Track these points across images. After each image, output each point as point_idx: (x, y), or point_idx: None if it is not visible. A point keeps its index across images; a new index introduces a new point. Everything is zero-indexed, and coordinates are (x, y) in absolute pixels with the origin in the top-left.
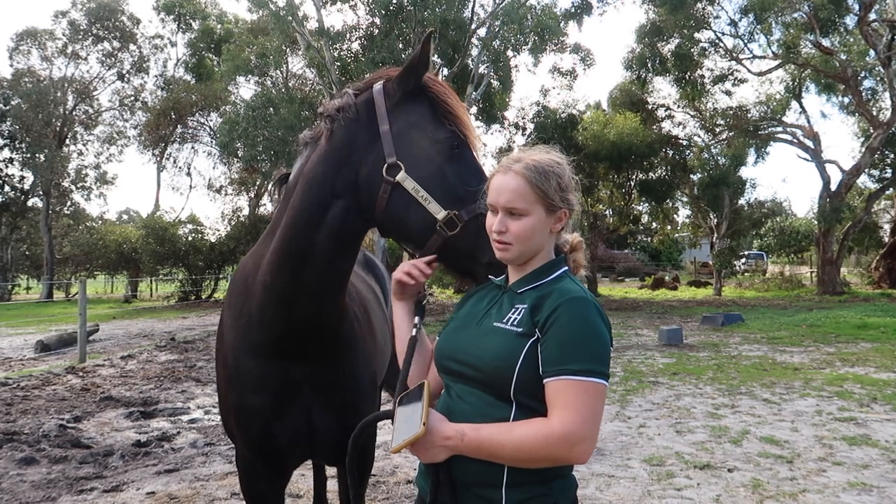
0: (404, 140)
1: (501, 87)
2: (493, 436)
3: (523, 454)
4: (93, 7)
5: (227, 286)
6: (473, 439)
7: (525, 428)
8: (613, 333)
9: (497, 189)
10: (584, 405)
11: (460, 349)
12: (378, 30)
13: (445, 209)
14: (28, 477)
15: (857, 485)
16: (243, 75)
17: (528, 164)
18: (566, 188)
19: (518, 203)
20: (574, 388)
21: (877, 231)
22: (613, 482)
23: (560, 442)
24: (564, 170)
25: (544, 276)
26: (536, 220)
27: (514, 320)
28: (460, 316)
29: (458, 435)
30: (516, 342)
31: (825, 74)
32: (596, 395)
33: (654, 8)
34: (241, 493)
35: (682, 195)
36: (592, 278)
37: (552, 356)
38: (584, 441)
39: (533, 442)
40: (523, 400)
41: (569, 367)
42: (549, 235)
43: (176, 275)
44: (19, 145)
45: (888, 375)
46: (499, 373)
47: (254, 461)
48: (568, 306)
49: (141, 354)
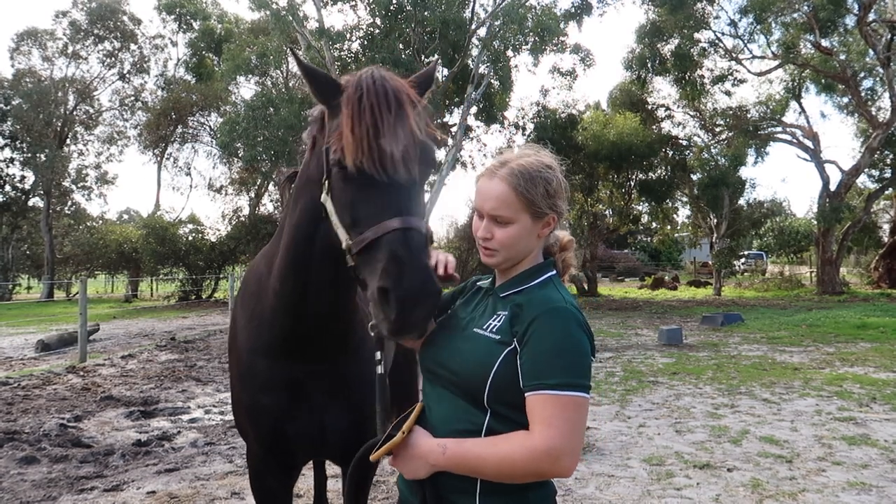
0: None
1: (501, 87)
2: (475, 451)
3: (505, 469)
4: (93, 7)
5: (240, 284)
6: (456, 453)
7: (507, 443)
8: (613, 333)
9: (482, 195)
10: (564, 420)
11: (440, 351)
12: (378, 30)
13: (348, 236)
14: (29, 476)
15: (856, 484)
16: (244, 75)
17: (514, 170)
18: (554, 194)
19: (502, 211)
20: (553, 402)
21: (876, 231)
22: (613, 482)
23: (543, 457)
24: (553, 174)
25: (529, 280)
26: (522, 227)
27: (494, 327)
28: (448, 321)
29: (439, 449)
30: (492, 350)
31: (825, 74)
32: (575, 408)
33: (654, 8)
34: (250, 490)
35: (682, 195)
36: (592, 278)
37: (530, 369)
38: (566, 455)
39: (516, 457)
40: (497, 408)
41: (547, 382)
42: (537, 240)
43: (176, 274)
44: (20, 145)
45: (887, 375)
46: (473, 379)
47: (264, 458)
48: (546, 318)
49: (141, 354)
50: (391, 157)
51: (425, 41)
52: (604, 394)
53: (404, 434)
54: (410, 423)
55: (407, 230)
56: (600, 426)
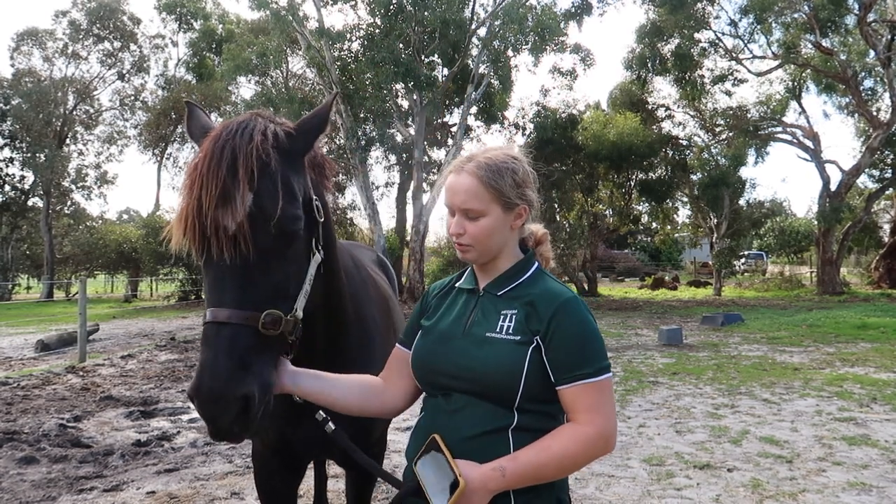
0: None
1: (501, 87)
2: (533, 461)
3: (567, 466)
4: (93, 7)
5: None
6: (515, 472)
7: (560, 440)
8: (613, 333)
9: (451, 190)
10: (605, 402)
11: (450, 361)
12: (378, 30)
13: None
14: (28, 476)
15: (856, 485)
16: (244, 75)
17: (481, 163)
18: (522, 183)
19: (473, 204)
20: (592, 389)
21: (876, 231)
22: (613, 482)
23: (598, 442)
24: (520, 164)
25: (520, 276)
26: (494, 219)
27: (509, 328)
28: (436, 327)
29: (498, 474)
30: (517, 352)
31: (825, 74)
32: (609, 388)
33: (654, 8)
34: (249, 490)
35: (682, 195)
36: (592, 278)
37: (565, 364)
38: (613, 434)
39: (574, 451)
40: (529, 406)
41: (584, 372)
42: (511, 232)
43: (176, 274)
44: (20, 145)
45: (888, 375)
46: (502, 384)
47: (270, 459)
48: (565, 311)
49: (141, 354)
50: (210, 236)
51: (425, 41)
52: None
53: (462, 478)
54: (455, 465)
55: (211, 324)
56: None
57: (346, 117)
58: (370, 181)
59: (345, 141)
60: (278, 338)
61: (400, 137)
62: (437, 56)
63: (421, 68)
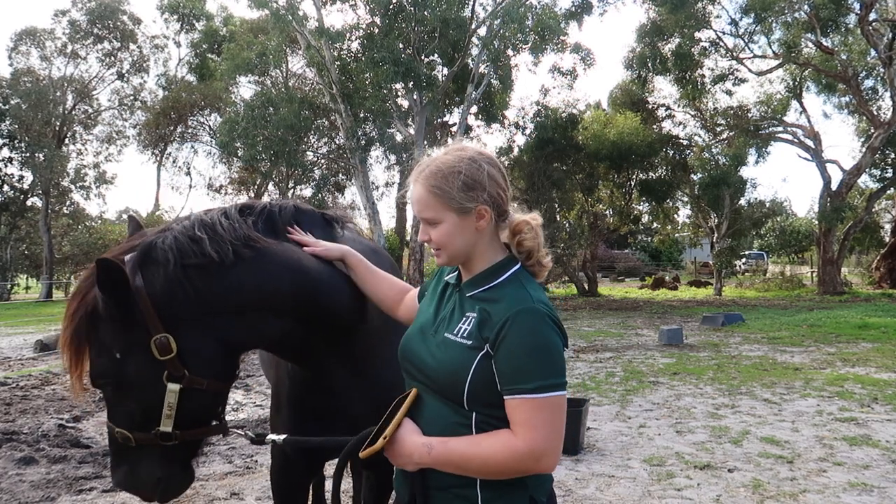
0: None
1: (501, 87)
2: (459, 450)
3: (491, 468)
4: (93, 6)
5: None
6: (441, 453)
7: (491, 441)
8: (613, 333)
9: (411, 201)
10: (544, 421)
11: (416, 355)
12: (378, 29)
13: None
14: (27, 477)
15: (857, 485)
16: (244, 74)
17: (428, 172)
18: (474, 186)
19: (426, 213)
20: (531, 405)
21: (878, 231)
22: (613, 482)
23: (525, 458)
24: (473, 164)
25: (493, 279)
26: (451, 224)
27: (464, 331)
28: (419, 318)
29: (425, 449)
30: (466, 355)
31: (826, 74)
32: (553, 408)
33: (655, 7)
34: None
35: (683, 195)
36: (592, 278)
37: (506, 374)
38: (547, 455)
39: (501, 459)
40: (479, 409)
41: (524, 386)
42: (478, 233)
43: None
44: (18, 145)
45: (889, 375)
46: (450, 384)
47: (293, 458)
48: (516, 320)
49: None
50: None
51: (425, 40)
52: (604, 394)
53: (385, 439)
54: (393, 428)
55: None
56: (600, 426)
57: (346, 117)
58: (370, 181)
59: (344, 141)
60: (149, 444)
61: (400, 137)
62: (436, 56)
63: (421, 68)
